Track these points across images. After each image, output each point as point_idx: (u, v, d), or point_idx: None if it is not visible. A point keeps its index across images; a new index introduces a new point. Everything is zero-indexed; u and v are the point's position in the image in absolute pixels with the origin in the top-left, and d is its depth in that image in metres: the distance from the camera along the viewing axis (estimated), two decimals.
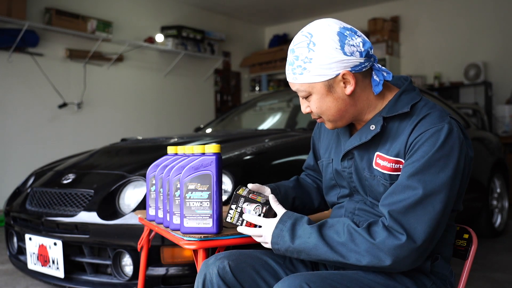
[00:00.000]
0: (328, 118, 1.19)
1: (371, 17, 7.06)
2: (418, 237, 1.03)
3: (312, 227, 1.11)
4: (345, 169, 1.25)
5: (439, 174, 1.05)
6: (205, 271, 1.20)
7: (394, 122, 1.16)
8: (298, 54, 1.14)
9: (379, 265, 1.04)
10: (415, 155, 1.08)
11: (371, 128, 1.17)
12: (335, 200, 1.32)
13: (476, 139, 3.83)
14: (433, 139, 1.07)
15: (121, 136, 5.49)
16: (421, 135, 1.09)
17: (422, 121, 1.11)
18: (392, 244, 1.03)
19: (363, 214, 1.21)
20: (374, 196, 1.19)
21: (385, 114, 1.16)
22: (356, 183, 1.23)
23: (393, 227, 1.04)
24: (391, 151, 1.14)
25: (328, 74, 1.12)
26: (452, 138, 1.07)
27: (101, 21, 5.75)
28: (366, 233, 1.06)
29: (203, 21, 7.21)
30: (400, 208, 1.05)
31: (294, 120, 3.54)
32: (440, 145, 1.06)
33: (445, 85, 6.49)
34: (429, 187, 1.04)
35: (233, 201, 1.27)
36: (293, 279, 1.02)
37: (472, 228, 1.35)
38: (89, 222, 2.16)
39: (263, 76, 7.98)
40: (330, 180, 1.32)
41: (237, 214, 1.26)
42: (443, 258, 1.18)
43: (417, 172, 1.06)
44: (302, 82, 1.15)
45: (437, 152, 1.06)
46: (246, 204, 1.25)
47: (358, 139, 1.19)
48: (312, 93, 1.16)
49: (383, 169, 1.14)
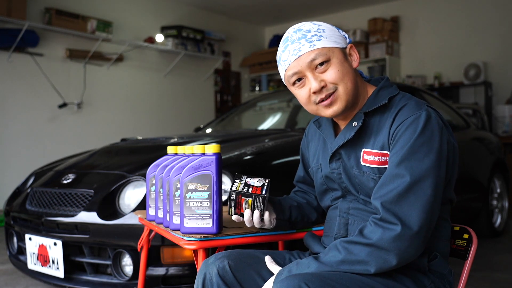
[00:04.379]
0: (345, 86, 1.17)
1: (371, 17, 7.06)
2: (414, 223, 1.04)
3: (307, 259, 1.11)
4: (334, 170, 1.25)
5: (424, 159, 1.07)
6: (205, 271, 1.20)
7: (375, 117, 1.19)
8: (308, 28, 1.19)
9: (387, 266, 1.04)
10: (397, 144, 1.10)
11: (353, 125, 1.20)
12: (329, 203, 1.33)
13: (476, 139, 3.82)
14: (413, 126, 1.10)
15: (121, 136, 5.48)
16: (401, 124, 1.11)
17: (401, 111, 1.14)
18: (389, 238, 1.03)
19: (357, 212, 1.22)
20: (366, 193, 1.19)
21: (365, 109, 1.19)
22: (346, 182, 1.23)
23: (387, 218, 1.05)
24: (376, 145, 1.16)
25: (341, 43, 1.20)
26: (431, 123, 1.10)
27: (101, 21, 5.75)
28: (361, 237, 1.06)
29: (203, 21, 7.21)
30: (391, 198, 1.06)
31: (294, 120, 3.53)
32: (420, 131, 1.09)
33: (445, 85, 6.49)
34: (416, 172, 1.06)
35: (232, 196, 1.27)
36: (292, 279, 1.02)
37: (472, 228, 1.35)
38: (89, 222, 2.16)
39: (263, 76, 7.98)
40: (321, 185, 1.33)
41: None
42: (441, 255, 1.18)
43: (402, 160, 1.08)
44: (322, 46, 1.16)
45: (419, 138, 1.08)
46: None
47: (343, 137, 1.21)
48: (331, 58, 1.17)
49: (371, 163, 1.16)
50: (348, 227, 1.23)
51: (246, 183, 1.29)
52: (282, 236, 1.40)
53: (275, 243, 1.93)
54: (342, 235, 1.23)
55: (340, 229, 1.24)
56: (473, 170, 3.56)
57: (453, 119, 3.85)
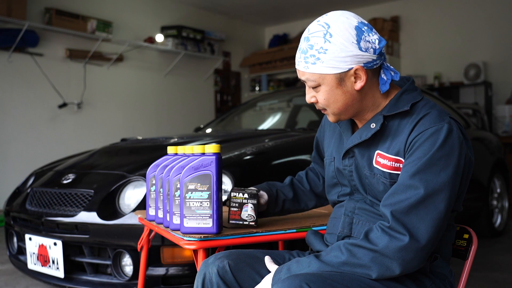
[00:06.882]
0: (333, 111, 1.18)
1: (371, 17, 7.06)
2: (422, 236, 1.03)
3: (308, 257, 1.10)
4: (346, 167, 1.25)
5: (440, 173, 1.05)
6: (204, 271, 1.20)
7: (394, 120, 1.16)
8: (313, 43, 1.12)
9: (389, 274, 1.04)
10: (415, 154, 1.08)
11: (371, 127, 1.17)
12: (335, 199, 1.32)
13: (476, 139, 3.83)
14: (433, 138, 1.07)
15: (121, 136, 5.49)
16: (420, 134, 1.09)
17: (422, 120, 1.11)
18: (395, 247, 1.02)
19: (363, 213, 1.22)
20: (374, 195, 1.19)
21: (385, 112, 1.16)
22: (356, 181, 1.23)
23: (395, 227, 1.04)
24: (391, 150, 1.14)
25: (341, 67, 1.12)
26: (452, 137, 1.08)
27: (101, 21, 5.75)
28: (366, 242, 1.05)
29: (203, 21, 7.21)
30: (402, 208, 1.05)
31: (294, 120, 3.54)
32: (440, 144, 1.06)
33: (445, 85, 6.49)
34: (431, 186, 1.04)
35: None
36: (293, 279, 1.02)
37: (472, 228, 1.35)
38: (89, 222, 2.16)
39: (263, 76, 7.98)
40: (332, 178, 1.32)
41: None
42: (443, 257, 1.18)
43: (418, 171, 1.06)
44: (314, 72, 1.14)
45: (438, 152, 1.06)
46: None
47: (359, 137, 1.20)
48: (321, 84, 1.15)
49: (383, 167, 1.15)
50: (352, 226, 1.23)
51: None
52: (282, 236, 1.40)
53: (275, 243, 1.93)
54: (345, 233, 1.23)
55: (344, 228, 1.24)
56: (473, 170, 3.55)
57: None
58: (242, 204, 1.34)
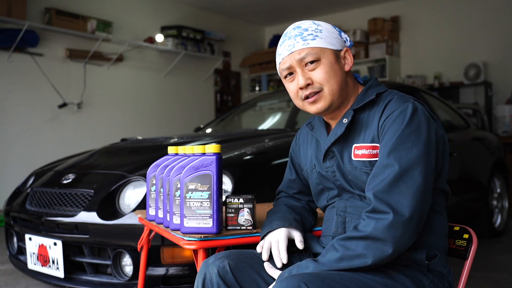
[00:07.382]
0: (331, 88, 1.22)
1: (371, 17, 7.06)
2: (405, 210, 1.06)
3: (306, 261, 1.12)
4: (328, 169, 1.28)
5: (412, 149, 1.10)
6: (205, 271, 1.20)
7: (364, 113, 1.23)
8: (306, 27, 1.23)
9: (383, 256, 1.05)
10: (386, 136, 1.14)
11: (343, 122, 1.23)
12: (325, 203, 1.34)
13: (476, 139, 3.83)
14: (400, 118, 1.13)
15: (121, 136, 5.49)
16: (389, 117, 1.15)
17: (388, 105, 1.18)
18: (383, 227, 1.05)
19: (354, 210, 1.23)
20: (360, 188, 1.21)
21: (354, 106, 1.24)
22: (341, 180, 1.25)
23: (378, 208, 1.07)
24: (366, 139, 1.19)
25: (336, 45, 1.24)
26: (418, 114, 1.14)
27: (101, 21, 5.75)
28: (356, 232, 1.08)
29: (203, 21, 7.21)
30: (383, 187, 1.08)
31: (294, 120, 3.53)
32: (408, 122, 1.12)
33: (445, 85, 6.49)
34: (405, 161, 1.09)
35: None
36: (292, 279, 1.02)
37: (472, 228, 1.35)
38: (89, 222, 2.16)
39: (263, 76, 7.98)
40: (317, 185, 1.34)
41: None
42: (439, 252, 1.18)
43: (391, 150, 1.11)
44: (315, 46, 1.21)
45: (406, 128, 1.12)
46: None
47: (334, 134, 1.25)
48: (321, 58, 1.21)
49: (362, 157, 1.19)
50: (345, 225, 1.24)
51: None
52: None
53: None
54: (340, 233, 1.24)
55: (338, 228, 1.25)
56: (473, 170, 3.56)
57: (453, 119, 3.85)
58: (238, 209, 1.35)
